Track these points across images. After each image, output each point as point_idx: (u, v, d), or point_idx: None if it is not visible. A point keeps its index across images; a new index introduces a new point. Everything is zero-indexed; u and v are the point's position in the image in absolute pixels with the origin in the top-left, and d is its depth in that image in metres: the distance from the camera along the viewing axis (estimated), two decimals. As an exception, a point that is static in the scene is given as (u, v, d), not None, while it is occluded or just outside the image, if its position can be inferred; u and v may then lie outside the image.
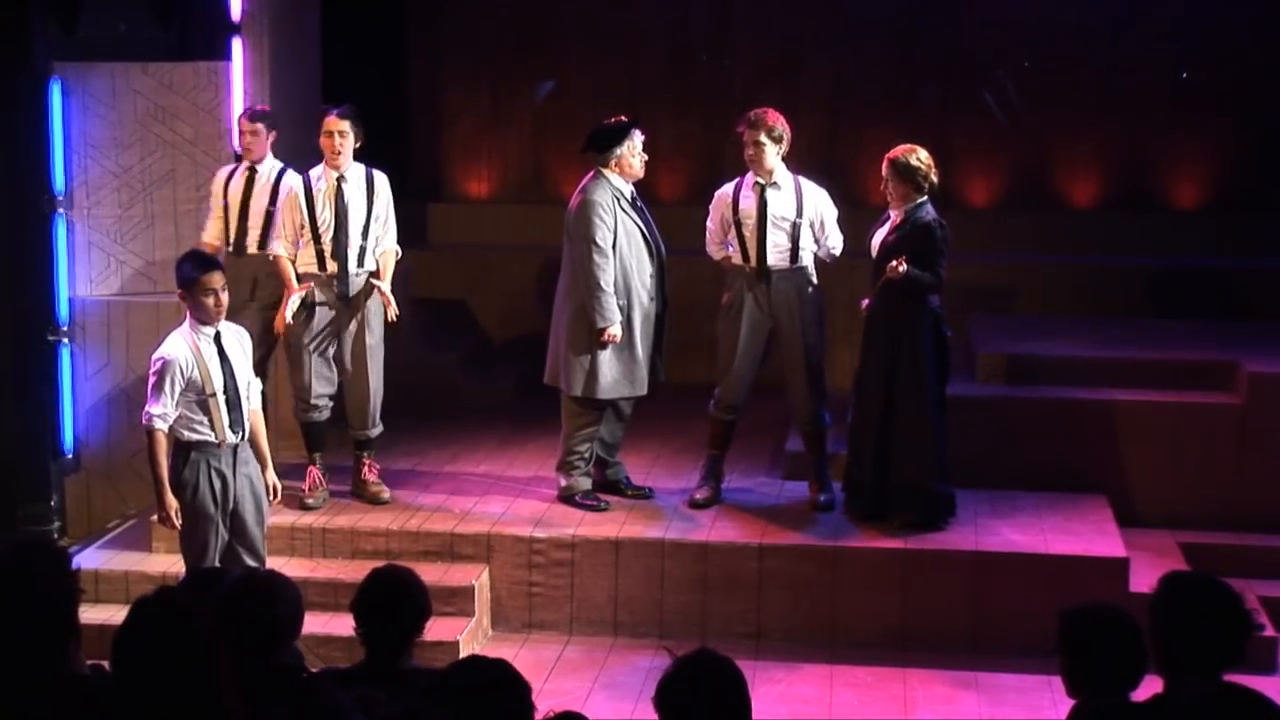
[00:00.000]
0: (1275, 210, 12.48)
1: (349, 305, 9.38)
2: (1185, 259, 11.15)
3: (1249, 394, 9.91)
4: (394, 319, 9.43)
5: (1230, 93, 12.59)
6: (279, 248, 9.49)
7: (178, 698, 3.84)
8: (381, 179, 9.52)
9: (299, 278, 9.40)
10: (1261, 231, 12.47)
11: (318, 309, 9.39)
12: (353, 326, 9.42)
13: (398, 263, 9.58)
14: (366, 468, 9.62)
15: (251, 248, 9.84)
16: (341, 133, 9.30)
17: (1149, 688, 4.94)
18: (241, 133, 9.91)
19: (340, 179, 9.36)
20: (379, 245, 9.44)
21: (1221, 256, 12.14)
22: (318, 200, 9.36)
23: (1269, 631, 8.55)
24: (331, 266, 9.34)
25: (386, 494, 9.63)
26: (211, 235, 9.94)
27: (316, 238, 9.35)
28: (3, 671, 2.73)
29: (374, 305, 9.43)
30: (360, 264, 9.38)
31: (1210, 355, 10.00)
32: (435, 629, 6.51)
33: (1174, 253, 11.20)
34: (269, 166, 9.89)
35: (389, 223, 9.51)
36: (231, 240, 9.91)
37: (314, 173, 9.44)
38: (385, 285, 9.39)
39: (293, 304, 9.32)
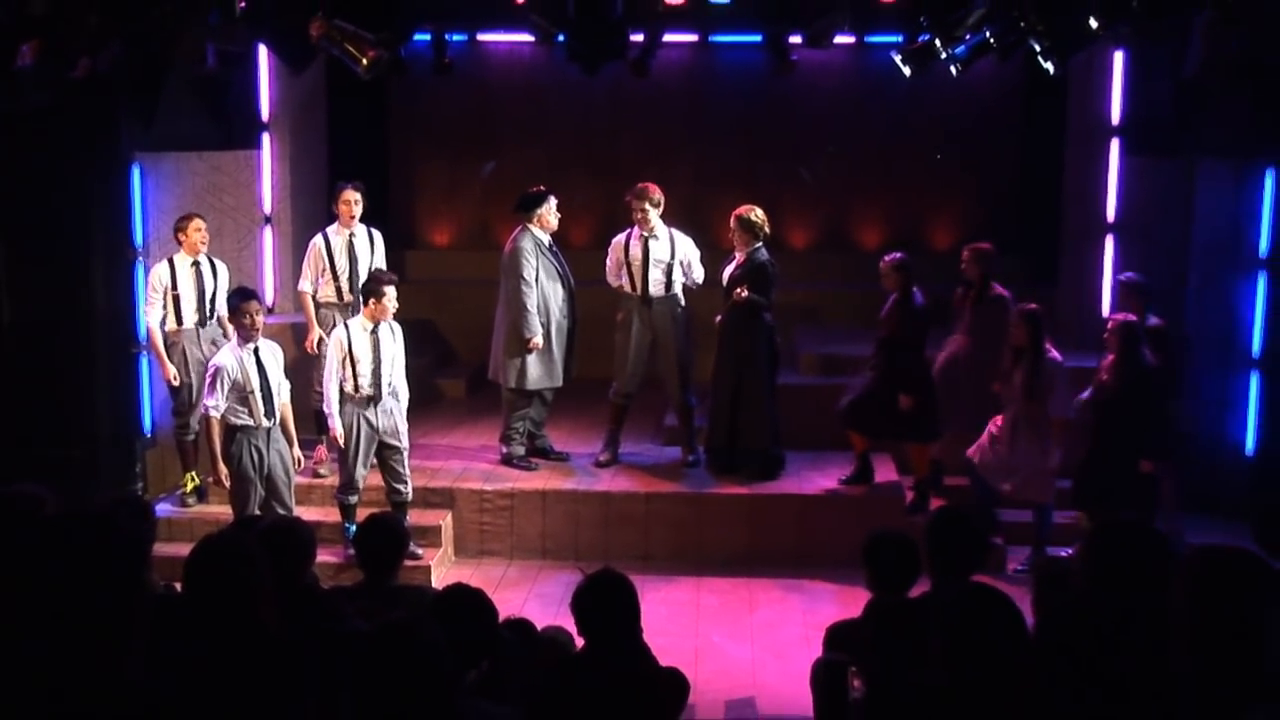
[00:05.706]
0: (1007, 251, 12.63)
1: None
2: (946, 286, 11.21)
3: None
4: None
5: (971, 166, 12.73)
6: (304, 285, 9.40)
7: (231, 609, 3.82)
8: (379, 236, 9.48)
9: (321, 306, 9.34)
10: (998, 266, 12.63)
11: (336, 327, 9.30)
12: None
13: None
14: None
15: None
16: (356, 201, 9.27)
17: (922, 587, 5.02)
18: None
19: (352, 235, 9.30)
20: None
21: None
22: (335, 250, 9.28)
23: (999, 542, 8.71)
24: (348, 298, 9.27)
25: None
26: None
27: (335, 277, 9.27)
28: (95, 593, 2.70)
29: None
30: None
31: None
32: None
33: (937, 282, 11.25)
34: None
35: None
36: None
37: (330, 230, 9.36)
38: None
39: (314, 336, 9.29)
